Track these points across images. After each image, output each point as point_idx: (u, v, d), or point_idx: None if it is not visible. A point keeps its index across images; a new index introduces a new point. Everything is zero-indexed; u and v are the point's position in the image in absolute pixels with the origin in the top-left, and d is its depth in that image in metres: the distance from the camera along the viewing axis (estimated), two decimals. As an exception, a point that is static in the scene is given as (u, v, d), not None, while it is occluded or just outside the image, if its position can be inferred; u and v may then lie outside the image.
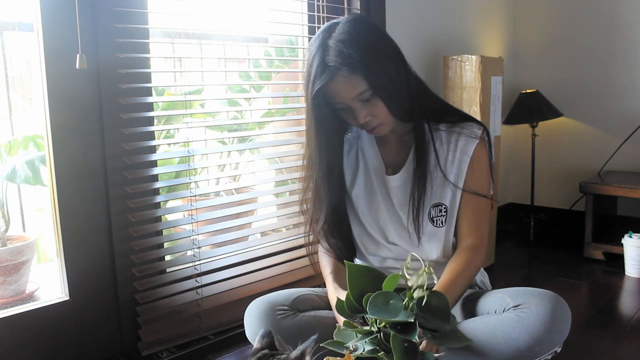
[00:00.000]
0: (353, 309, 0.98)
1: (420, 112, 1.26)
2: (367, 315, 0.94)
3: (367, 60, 1.14)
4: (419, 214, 1.26)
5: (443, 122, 1.30)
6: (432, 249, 1.30)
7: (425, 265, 0.93)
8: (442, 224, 1.29)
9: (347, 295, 0.99)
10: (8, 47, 1.87)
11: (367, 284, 0.97)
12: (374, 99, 1.18)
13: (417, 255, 0.99)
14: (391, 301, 0.93)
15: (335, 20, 1.21)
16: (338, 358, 0.99)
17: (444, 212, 1.28)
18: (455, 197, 1.28)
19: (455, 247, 1.32)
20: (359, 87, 1.15)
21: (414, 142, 1.29)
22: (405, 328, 0.92)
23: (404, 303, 0.92)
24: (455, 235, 1.31)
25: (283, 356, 0.94)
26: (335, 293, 1.26)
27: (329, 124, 1.25)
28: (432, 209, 1.28)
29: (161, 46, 1.80)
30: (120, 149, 1.55)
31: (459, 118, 1.31)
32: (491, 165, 1.33)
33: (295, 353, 0.93)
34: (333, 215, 1.33)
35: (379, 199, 1.33)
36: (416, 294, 0.92)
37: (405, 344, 0.91)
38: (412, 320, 0.90)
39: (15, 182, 1.82)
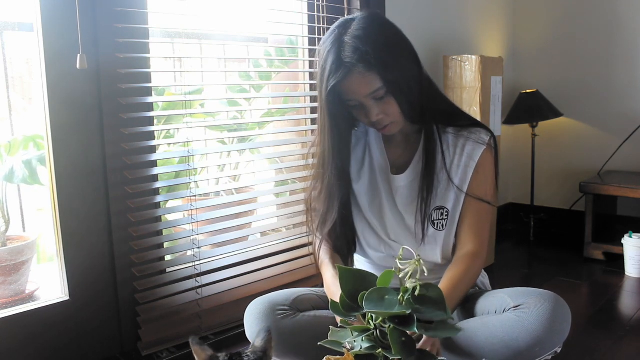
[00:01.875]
0: (348, 307, 0.98)
1: (430, 113, 1.26)
2: (364, 311, 0.94)
3: (384, 58, 1.13)
4: (425, 216, 1.26)
5: (451, 125, 1.30)
6: (432, 251, 1.30)
7: (415, 257, 0.93)
8: (442, 227, 1.28)
9: (341, 295, 0.99)
10: (8, 47, 1.87)
11: (358, 285, 0.97)
12: (388, 98, 1.17)
13: (409, 249, 0.98)
14: (387, 296, 0.93)
15: (350, 17, 1.20)
16: (338, 357, 0.99)
17: (446, 215, 1.28)
18: (457, 201, 1.28)
19: (454, 251, 1.31)
20: (374, 84, 1.15)
21: (421, 143, 1.29)
22: (403, 321, 0.92)
23: (399, 297, 0.93)
24: (455, 239, 1.30)
25: (249, 350, 0.96)
26: (333, 283, 1.26)
27: (341, 121, 1.25)
28: (434, 212, 1.28)
29: (161, 46, 1.80)
30: (120, 149, 1.55)
31: (468, 123, 1.30)
32: (497, 172, 1.31)
33: (258, 343, 0.96)
34: (342, 211, 1.33)
35: (382, 197, 1.33)
36: (409, 284, 0.92)
37: (403, 339, 0.92)
38: (409, 313, 0.90)
39: (13, 182, 1.82)
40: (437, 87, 1.31)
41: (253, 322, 1.26)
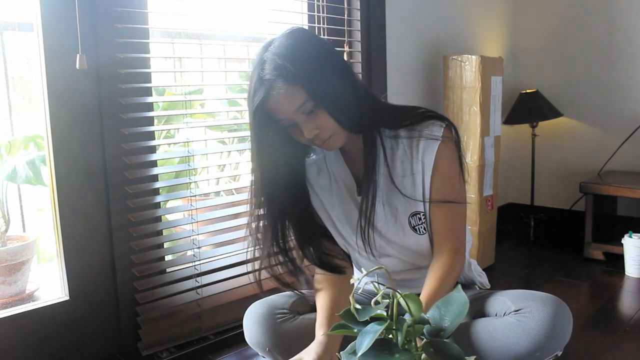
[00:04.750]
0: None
1: (370, 122, 1.20)
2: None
3: (304, 70, 1.10)
4: (367, 229, 1.21)
5: (402, 126, 1.24)
6: (418, 254, 1.29)
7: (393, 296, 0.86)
8: (424, 230, 1.26)
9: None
10: (8, 47, 1.87)
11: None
12: (318, 110, 1.12)
13: (386, 286, 0.91)
14: (397, 354, 0.84)
15: (275, 36, 1.17)
16: None
17: (423, 219, 1.25)
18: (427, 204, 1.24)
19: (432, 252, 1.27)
20: (298, 98, 1.10)
21: (378, 155, 1.23)
22: None
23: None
24: (431, 242, 1.27)
25: None
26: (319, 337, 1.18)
27: (273, 144, 1.19)
28: (410, 218, 1.25)
29: (161, 46, 1.80)
30: (120, 149, 1.55)
31: (418, 119, 1.24)
32: (461, 162, 1.25)
33: None
34: (301, 238, 1.29)
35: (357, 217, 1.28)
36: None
37: None
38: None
39: (16, 182, 1.82)
40: (378, 96, 1.26)
41: (252, 325, 1.25)
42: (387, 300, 0.87)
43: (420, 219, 1.25)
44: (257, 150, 1.19)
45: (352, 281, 0.90)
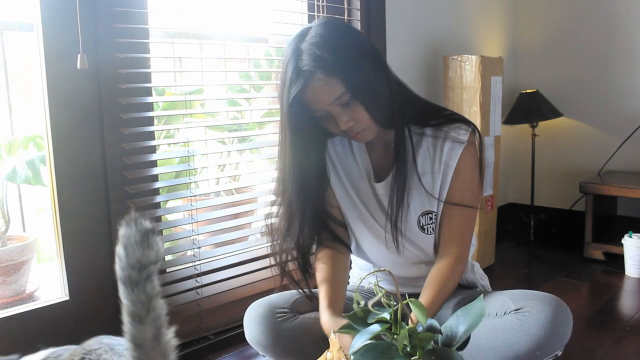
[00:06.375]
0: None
1: (401, 117, 1.21)
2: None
3: (342, 62, 1.10)
4: (397, 223, 1.23)
5: (429, 125, 1.25)
6: (424, 253, 1.30)
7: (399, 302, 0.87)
8: (432, 231, 1.27)
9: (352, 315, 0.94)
10: (8, 47, 1.87)
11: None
12: (354, 103, 1.13)
13: (385, 290, 0.92)
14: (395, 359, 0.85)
15: (308, 25, 1.17)
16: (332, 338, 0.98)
17: (434, 219, 1.26)
18: (442, 204, 1.26)
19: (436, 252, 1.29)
20: (336, 90, 1.11)
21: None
22: None
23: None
24: (437, 242, 1.28)
25: None
26: (329, 322, 1.19)
27: (307, 135, 1.20)
28: (421, 217, 1.26)
29: (161, 46, 1.80)
30: (120, 149, 1.55)
31: (445, 120, 1.25)
32: (481, 168, 1.27)
33: None
34: (314, 224, 1.29)
35: (369, 205, 1.30)
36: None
37: None
38: None
39: (16, 182, 1.82)
40: (409, 88, 1.27)
41: (253, 325, 1.25)
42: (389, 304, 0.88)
43: (431, 218, 1.26)
44: (290, 141, 1.19)
45: (354, 281, 0.91)
